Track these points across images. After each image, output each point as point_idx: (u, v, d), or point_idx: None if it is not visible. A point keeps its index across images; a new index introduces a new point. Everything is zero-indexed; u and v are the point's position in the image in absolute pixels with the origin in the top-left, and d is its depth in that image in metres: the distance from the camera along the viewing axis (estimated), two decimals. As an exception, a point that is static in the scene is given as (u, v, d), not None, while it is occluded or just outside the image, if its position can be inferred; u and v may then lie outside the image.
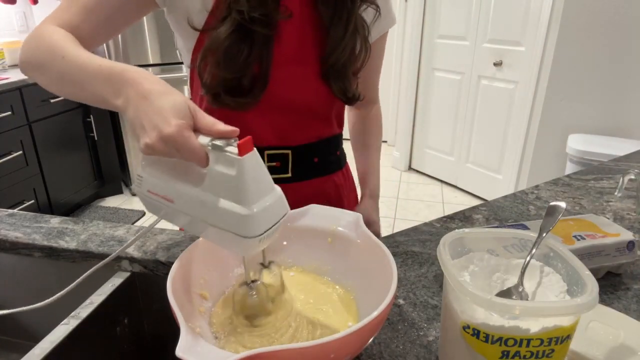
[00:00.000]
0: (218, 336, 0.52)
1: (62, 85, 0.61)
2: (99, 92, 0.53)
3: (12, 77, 2.49)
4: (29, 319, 0.84)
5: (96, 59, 0.55)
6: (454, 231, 0.53)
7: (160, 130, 0.44)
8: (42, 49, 0.61)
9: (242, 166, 0.42)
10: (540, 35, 2.55)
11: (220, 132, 0.45)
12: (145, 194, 0.51)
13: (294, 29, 0.72)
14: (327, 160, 0.85)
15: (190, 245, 0.55)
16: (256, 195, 0.44)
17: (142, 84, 0.48)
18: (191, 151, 0.44)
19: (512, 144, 2.90)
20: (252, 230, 0.43)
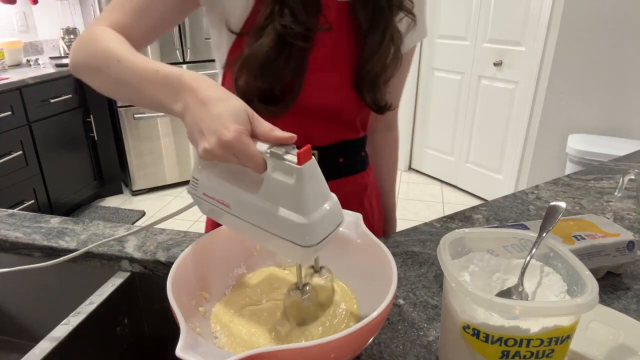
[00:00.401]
0: (218, 336, 0.52)
1: (118, 89, 0.61)
2: (156, 97, 0.53)
3: (12, 77, 2.49)
4: (29, 319, 0.84)
5: (152, 63, 0.55)
6: (454, 231, 0.53)
7: (219, 136, 0.44)
8: (97, 53, 0.61)
9: (301, 175, 0.42)
10: (540, 35, 2.55)
11: (278, 139, 0.45)
12: (200, 197, 0.51)
13: (329, 37, 0.72)
14: (353, 160, 0.86)
15: (191, 245, 0.55)
16: (314, 205, 0.44)
17: (200, 90, 0.48)
18: (250, 157, 0.44)
19: (512, 144, 2.90)
20: (309, 239, 0.43)
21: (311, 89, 0.73)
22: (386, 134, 0.98)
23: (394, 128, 0.99)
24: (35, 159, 2.59)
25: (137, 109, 3.07)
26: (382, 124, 0.96)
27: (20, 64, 2.92)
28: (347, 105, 0.79)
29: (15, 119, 2.44)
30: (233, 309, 0.56)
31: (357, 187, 0.88)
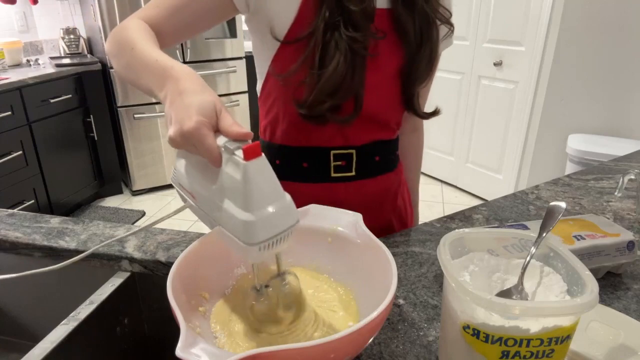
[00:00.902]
0: (218, 336, 0.52)
1: (127, 73, 0.65)
2: (149, 83, 0.57)
3: (12, 77, 2.49)
4: (29, 319, 0.84)
5: (156, 53, 0.59)
6: (454, 231, 0.53)
7: (181, 125, 0.46)
8: (121, 39, 0.66)
9: (246, 171, 0.42)
10: (540, 35, 2.55)
11: (234, 134, 0.45)
12: (178, 186, 0.53)
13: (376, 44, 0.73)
14: (387, 159, 0.88)
15: (190, 245, 0.55)
16: (259, 202, 0.43)
17: (181, 81, 0.51)
18: (206, 149, 0.45)
19: (512, 144, 2.90)
20: (250, 237, 0.43)
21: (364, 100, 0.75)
22: (412, 135, 1.01)
23: (419, 129, 1.02)
24: (35, 159, 2.59)
25: (137, 109, 3.07)
26: (408, 126, 0.99)
27: (20, 64, 2.92)
28: (388, 109, 0.82)
29: (15, 119, 2.44)
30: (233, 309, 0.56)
31: (392, 184, 0.90)
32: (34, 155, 2.59)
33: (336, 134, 0.80)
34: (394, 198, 0.91)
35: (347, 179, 0.83)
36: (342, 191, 0.83)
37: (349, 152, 0.81)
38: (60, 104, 2.71)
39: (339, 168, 0.82)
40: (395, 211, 0.92)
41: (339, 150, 0.81)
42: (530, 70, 2.66)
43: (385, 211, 0.90)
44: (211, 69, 3.23)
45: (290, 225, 0.46)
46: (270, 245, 0.44)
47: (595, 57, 2.44)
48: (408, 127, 0.99)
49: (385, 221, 0.91)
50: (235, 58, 3.33)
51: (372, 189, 0.86)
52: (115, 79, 2.94)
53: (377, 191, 0.87)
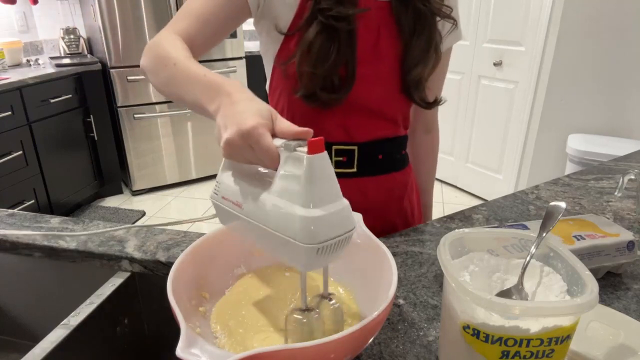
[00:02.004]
0: (218, 336, 0.52)
1: (170, 88, 0.66)
2: (198, 97, 0.58)
3: (12, 77, 2.49)
4: (29, 319, 0.84)
5: (202, 69, 0.60)
6: (454, 231, 0.53)
7: (240, 126, 0.46)
8: (159, 55, 0.67)
9: (309, 164, 0.41)
10: (540, 35, 2.55)
11: (295, 133, 0.46)
12: (220, 201, 0.52)
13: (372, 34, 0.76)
14: (392, 158, 0.88)
15: (191, 245, 0.55)
16: (320, 200, 0.41)
17: (234, 93, 0.52)
18: (265, 149, 0.45)
19: (512, 144, 2.90)
20: (310, 236, 0.41)
21: (359, 82, 0.77)
22: (425, 134, 1.01)
23: (433, 129, 1.03)
24: (35, 159, 2.59)
25: (137, 109, 3.07)
26: (421, 125, 0.99)
27: (20, 64, 2.92)
28: (391, 100, 0.82)
29: (15, 119, 2.44)
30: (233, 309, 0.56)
31: (396, 185, 0.89)
32: (34, 155, 2.59)
33: (338, 127, 0.80)
34: (399, 200, 0.90)
35: (348, 175, 0.83)
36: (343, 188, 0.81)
37: (350, 148, 0.82)
38: (60, 104, 2.71)
39: (340, 164, 0.82)
40: (401, 213, 0.92)
41: (341, 145, 0.81)
42: (530, 70, 2.66)
43: (389, 212, 0.90)
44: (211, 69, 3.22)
45: (350, 229, 0.44)
46: (329, 249, 0.42)
47: (595, 57, 2.44)
48: (420, 127, 0.99)
49: (389, 223, 0.91)
50: (235, 58, 3.34)
51: (374, 188, 0.86)
52: (116, 79, 2.94)
53: (380, 191, 0.87)
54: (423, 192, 1.03)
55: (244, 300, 0.58)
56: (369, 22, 0.76)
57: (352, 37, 0.74)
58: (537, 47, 2.59)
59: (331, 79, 0.74)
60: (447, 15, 0.80)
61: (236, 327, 0.53)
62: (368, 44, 0.76)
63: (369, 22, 0.76)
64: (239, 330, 0.53)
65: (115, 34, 2.86)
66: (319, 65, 0.72)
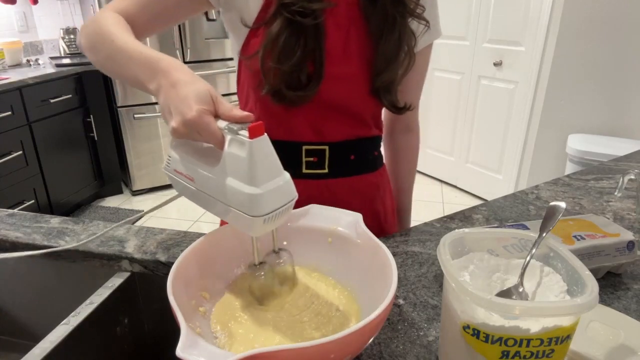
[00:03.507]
0: (218, 336, 0.52)
1: (109, 65, 0.67)
2: (137, 75, 0.59)
3: (12, 77, 2.49)
4: (29, 319, 0.84)
5: (140, 46, 0.61)
6: (454, 231, 0.53)
7: (183, 115, 0.49)
8: (97, 32, 0.67)
9: (251, 148, 0.45)
10: (540, 35, 2.55)
11: (237, 117, 0.49)
12: (172, 173, 0.56)
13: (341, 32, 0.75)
14: (364, 159, 0.86)
15: (191, 245, 0.55)
16: (263, 177, 0.47)
17: (172, 73, 0.54)
18: (210, 134, 0.48)
19: (512, 144, 2.90)
20: (257, 209, 0.46)
21: (328, 81, 0.75)
22: (405, 135, 0.98)
23: (413, 129, 0.99)
24: (35, 159, 2.59)
25: (137, 109, 3.07)
26: (400, 125, 0.97)
27: (20, 64, 2.92)
28: (360, 101, 0.80)
29: (15, 119, 2.44)
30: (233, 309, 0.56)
31: (368, 186, 0.87)
32: (34, 155, 2.59)
33: (308, 127, 0.78)
34: (371, 202, 0.88)
35: (319, 176, 0.81)
36: (314, 189, 0.81)
37: (321, 148, 0.80)
38: (60, 104, 2.71)
39: (311, 164, 0.80)
40: (373, 216, 0.89)
41: (311, 145, 0.79)
42: (530, 70, 2.66)
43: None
44: (211, 69, 3.23)
45: (291, 199, 0.50)
46: (273, 218, 0.48)
47: (595, 57, 2.44)
48: (400, 127, 0.96)
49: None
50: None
51: (345, 189, 0.83)
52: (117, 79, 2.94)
53: (351, 192, 0.84)
54: (402, 193, 1.00)
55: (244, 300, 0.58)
56: (338, 20, 0.74)
57: (319, 32, 0.72)
58: (537, 47, 2.59)
59: (297, 76, 0.72)
60: (419, 15, 0.77)
61: (236, 327, 0.53)
62: (338, 42, 0.74)
63: (339, 20, 0.74)
64: (239, 331, 0.53)
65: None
66: (284, 60, 0.70)
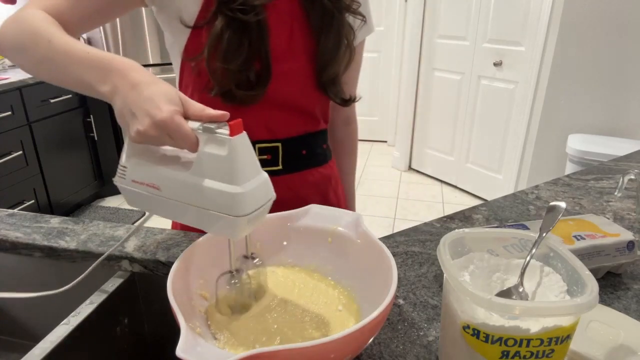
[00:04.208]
0: (218, 336, 0.52)
1: (44, 68, 0.61)
2: (84, 78, 0.54)
3: (12, 77, 2.49)
4: (29, 319, 0.84)
5: (84, 46, 0.56)
6: (454, 231, 0.53)
7: (152, 117, 0.45)
8: (26, 32, 0.61)
9: (233, 146, 0.43)
10: (540, 35, 2.55)
11: (211, 116, 0.46)
12: (129, 184, 0.52)
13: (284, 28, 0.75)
14: (315, 152, 0.87)
15: (190, 245, 0.55)
16: (245, 176, 0.45)
17: (130, 73, 0.50)
18: (183, 136, 0.45)
19: (512, 144, 2.90)
20: (241, 209, 0.45)
21: (276, 79, 0.75)
22: (345, 127, 1.00)
23: (352, 121, 1.02)
24: (35, 159, 2.59)
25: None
26: (340, 119, 0.98)
27: (20, 64, 2.92)
28: (308, 97, 0.81)
29: (15, 119, 2.44)
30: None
31: (320, 179, 0.89)
32: (34, 155, 2.59)
33: (260, 126, 0.79)
34: (325, 193, 0.90)
35: (274, 173, 0.81)
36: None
37: (274, 146, 0.81)
38: (60, 104, 2.71)
39: (265, 162, 0.81)
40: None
41: (264, 143, 0.80)
42: (530, 70, 2.66)
43: None
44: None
45: (271, 198, 0.49)
46: (255, 217, 0.46)
47: (595, 57, 2.44)
48: (340, 121, 0.98)
49: None
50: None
51: (300, 183, 0.85)
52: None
53: (306, 186, 0.86)
54: (345, 181, 1.03)
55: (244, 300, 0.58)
56: (281, 16, 0.74)
57: (263, 30, 0.71)
58: (537, 47, 2.59)
59: (246, 75, 0.72)
60: (356, 10, 0.78)
61: (236, 327, 0.53)
62: (282, 39, 0.74)
63: (281, 16, 0.74)
64: (239, 331, 0.53)
65: (115, 34, 2.86)
66: (231, 59, 0.69)
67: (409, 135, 3.70)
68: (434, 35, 3.31)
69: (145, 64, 3.03)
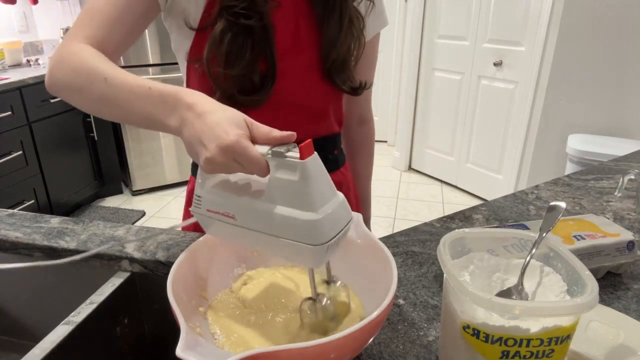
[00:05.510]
0: (217, 337, 0.52)
1: (106, 107, 0.60)
2: (149, 113, 0.53)
3: (12, 77, 2.49)
4: (29, 319, 0.84)
5: (143, 80, 0.55)
6: (454, 231, 0.53)
7: (220, 142, 0.43)
8: (78, 71, 0.60)
9: (305, 169, 0.41)
10: (540, 35, 2.55)
11: (278, 139, 0.44)
12: (204, 214, 0.50)
13: (289, 23, 0.73)
14: (326, 158, 0.84)
15: (191, 245, 0.55)
16: (320, 200, 0.42)
17: (196, 104, 0.49)
18: (252, 160, 0.43)
19: (512, 144, 2.90)
20: (319, 237, 0.42)
21: (282, 78, 0.73)
22: (360, 127, 0.97)
23: (367, 121, 0.98)
24: (35, 159, 2.59)
25: (137, 109, 3.07)
26: (354, 117, 0.95)
27: (20, 64, 2.92)
28: (317, 93, 0.78)
29: (15, 119, 2.44)
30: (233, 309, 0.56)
31: None
32: (34, 155, 2.59)
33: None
34: None
35: None
36: None
37: None
38: (60, 104, 2.71)
39: None
40: None
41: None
42: (530, 70, 2.66)
43: None
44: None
45: (349, 220, 0.46)
46: (335, 244, 0.43)
47: (595, 57, 2.44)
48: (354, 120, 0.95)
49: None
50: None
51: None
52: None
53: None
54: (361, 184, 0.99)
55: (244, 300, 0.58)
56: (286, 13, 0.72)
57: (268, 31, 0.69)
58: (537, 47, 2.59)
59: (249, 78, 0.70)
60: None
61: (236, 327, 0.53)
62: (287, 37, 0.73)
63: (286, 13, 0.72)
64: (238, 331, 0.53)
65: (115, 34, 2.86)
66: (232, 64, 0.67)
67: (409, 135, 3.70)
68: (434, 35, 3.31)
69: (145, 64, 3.03)
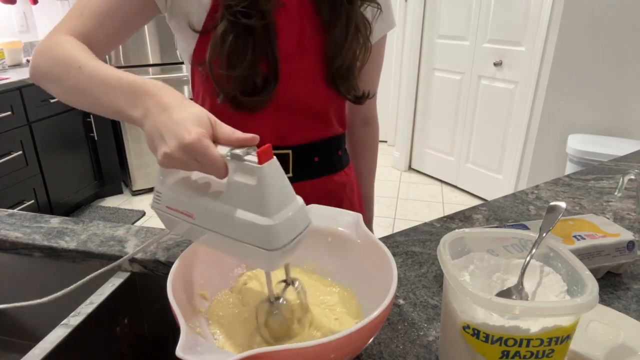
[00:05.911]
0: (218, 336, 0.52)
1: (78, 96, 0.59)
2: (115, 103, 0.53)
3: (12, 77, 2.49)
4: (29, 319, 0.84)
5: (115, 71, 0.55)
6: (454, 231, 0.53)
7: (180, 139, 0.43)
8: (58, 61, 0.60)
9: (262, 175, 0.40)
10: (540, 35, 2.55)
11: (240, 140, 0.44)
12: (164, 210, 0.50)
13: (293, 26, 0.72)
14: (329, 160, 0.85)
15: (191, 245, 0.55)
16: (277, 206, 0.42)
17: (161, 96, 0.48)
18: (211, 160, 0.42)
19: (512, 144, 2.90)
20: (274, 242, 0.42)
21: (284, 81, 0.73)
22: (364, 128, 0.97)
23: (372, 122, 0.98)
24: (35, 159, 2.59)
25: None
26: (359, 118, 0.95)
27: (20, 64, 2.92)
28: (319, 97, 0.78)
29: (15, 119, 2.44)
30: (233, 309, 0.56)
31: (334, 187, 0.86)
32: (34, 155, 2.59)
33: (270, 132, 0.76)
34: (339, 202, 0.87)
35: None
36: None
37: (285, 152, 0.78)
38: (60, 104, 2.71)
39: None
40: None
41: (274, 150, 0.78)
42: (530, 70, 2.66)
43: None
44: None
45: (306, 226, 0.46)
46: (290, 249, 0.43)
47: (595, 57, 2.44)
48: (358, 121, 0.95)
49: None
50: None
51: (312, 191, 0.82)
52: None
53: (318, 194, 0.83)
54: (364, 184, 0.99)
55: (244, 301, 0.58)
56: (291, 15, 0.71)
57: (270, 32, 0.69)
58: (537, 47, 2.59)
59: (252, 80, 0.70)
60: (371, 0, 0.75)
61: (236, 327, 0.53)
62: (291, 39, 0.72)
63: (291, 15, 0.71)
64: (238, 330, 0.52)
65: (115, 34, 2.86)
66: (234, 65, 0.67)
67: (409, 135, 3.70)
68: (434, 35, 3.31)
69: (145, 64, 3.03)
